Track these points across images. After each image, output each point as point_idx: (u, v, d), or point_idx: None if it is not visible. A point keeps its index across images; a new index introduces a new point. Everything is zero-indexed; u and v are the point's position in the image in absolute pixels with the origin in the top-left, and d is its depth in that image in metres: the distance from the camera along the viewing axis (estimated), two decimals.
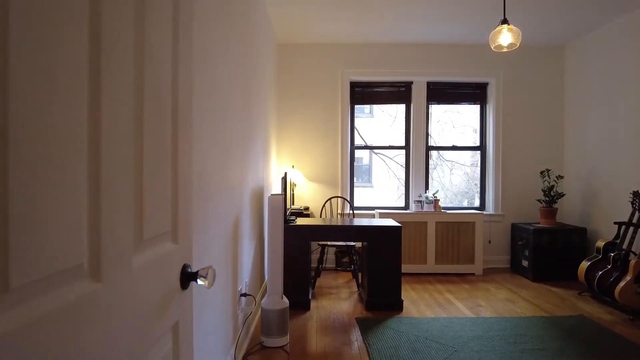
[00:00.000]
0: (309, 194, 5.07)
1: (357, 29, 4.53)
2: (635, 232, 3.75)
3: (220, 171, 2.09)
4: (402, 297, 3.87)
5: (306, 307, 3.55)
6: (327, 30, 4.59)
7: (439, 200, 4.91)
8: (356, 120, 5.24)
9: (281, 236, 2.78)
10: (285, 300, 2.86)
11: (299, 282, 3.56)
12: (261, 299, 3.56)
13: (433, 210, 4.87)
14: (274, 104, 4.63)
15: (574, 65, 4.96)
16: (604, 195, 4.44)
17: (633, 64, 4.06)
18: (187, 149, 1.05)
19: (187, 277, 1.03)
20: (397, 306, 3.56)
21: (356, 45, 5.05)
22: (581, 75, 4.84)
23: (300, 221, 3.76)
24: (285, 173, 3.45)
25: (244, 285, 2.81)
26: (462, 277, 4.70)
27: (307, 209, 4.86)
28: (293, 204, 4.90)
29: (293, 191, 4.89)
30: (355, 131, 5.27)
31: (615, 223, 3.98)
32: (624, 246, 3.80)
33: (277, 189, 4.80)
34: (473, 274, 4.80)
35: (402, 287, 4.26)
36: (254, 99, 3.20)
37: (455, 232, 4.82)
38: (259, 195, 3.49)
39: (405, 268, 4.74)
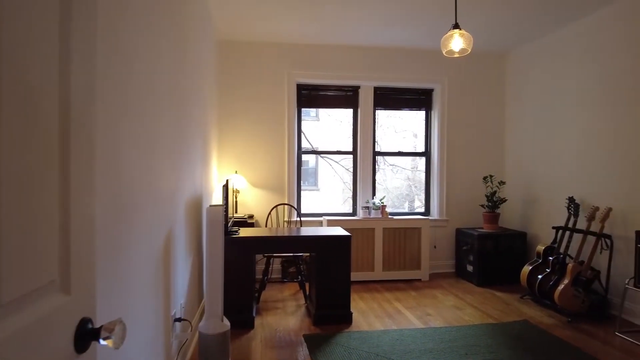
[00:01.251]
0: (253, 201, 4.79)
1: (304, 29, 4.34)
2: (571, 237, 3.89)
3: (147, 182, 1.79)
4: (352, 309, 3.73)
5: (250, 325, 3.29)
6: (272, 29, 4.36)
7: (385, 206, 4.84)
8: (302, 123, 5.04)
9: (221, 253, 2.51)
10: (226, 322, 2.59)
11: (242, 298, 3.29)
12: (199, 320, 3.24)
13: (380, 216, 4.80)
14: (215, 105, 4.32)
15: (514, 74, 5.13)
16: (543, 200, 4.60)
17: (568, 74, 4.23)
18: (86, 163, 0.79)
19: (87, 336, 0.77)
20: (346, 319, 3.40)
21: (303, 46, 4.86)
22: (520, 85, 5.00)
23: (244, 232, 3.49)
24: (227, 181, 3.17)
25: (178, 308, 2.50)
26: (409, 283, 4.66)
27: (251, 217, 4.58)
28: (236, 212, 4.60)
29: (236, 198, 4.59)
30: (302, 134, 5.08)
31: (553, 228, 4.11)
32: (562, 250, 3.93)
33: (218, 197, 4.49)
34: (420, 280, 4.78)
35: (351, 296, 4.11)
36: (190, 99, 2.90)
37: (401, 237, 4.77)
38: (196, 206, 3.18)
39: (353, 276, 4.61)
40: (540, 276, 3.86)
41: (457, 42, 2.60)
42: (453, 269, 5.21)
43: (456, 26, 2.65)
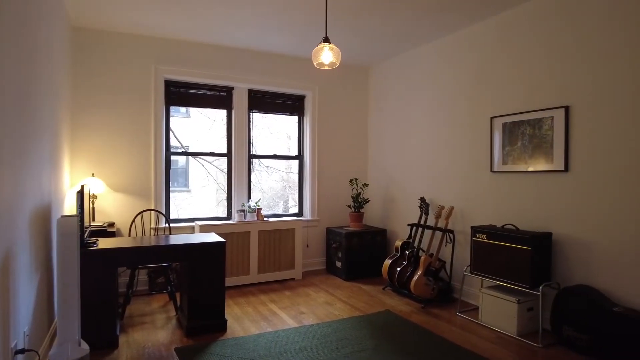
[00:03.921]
0: (114, 207, 4.35)
1: (172, 23, 4.10)
2: (423, 232, 4.43)
3: None
4: (226, 316, 3.66)
5: (113, 344, 2.99)
6: (136, 20, 4.01)
7: (261, 209, 4.87)
8: (171, 120, 4.75)
9: (76, 268, 2.23)
10: (85, 346, 2.31)
11: (103, 316, 2.97)
12: (50, 346, 2.83)
13: (256, 219, 4.81)
14: (67, 99, 3.80)
15: (376, 86, 5.62)
16: (400, 200, 5.14)
17: (418, 89, 4.80)
18: None
19: None
20: (220, 327, 3.33)
21: (172, 41, 4.59)
22: (381, 96, 5.51)
23: (104, 243, 3.15)
24: (82, 186, 2.83)
25: (21, 337, 2.15)
26: (283, 283, 4.77)
27: (112, 225, 4.15)
28: (93, 220, 4.13)
29: (93, 205, 4.12)
30: (171, 132, 4.79)
31: (408, 225, 4.63)
32: (416, 244, 4.45)
33: (71, 204, 3.97)
34: (294, 279, 4.93)
35: (226, 302, 4.04)
36: (37, 91, 2.50)
37: (276, 239, 4.86)
38: (44, 217, 2.76)
39: (228, 281, 4.54)
40: (398, 269, 4.31)
41: (327, 55, 2.75)
42: (324, 266, 5.49)
43: (326, 40, 2.80)
